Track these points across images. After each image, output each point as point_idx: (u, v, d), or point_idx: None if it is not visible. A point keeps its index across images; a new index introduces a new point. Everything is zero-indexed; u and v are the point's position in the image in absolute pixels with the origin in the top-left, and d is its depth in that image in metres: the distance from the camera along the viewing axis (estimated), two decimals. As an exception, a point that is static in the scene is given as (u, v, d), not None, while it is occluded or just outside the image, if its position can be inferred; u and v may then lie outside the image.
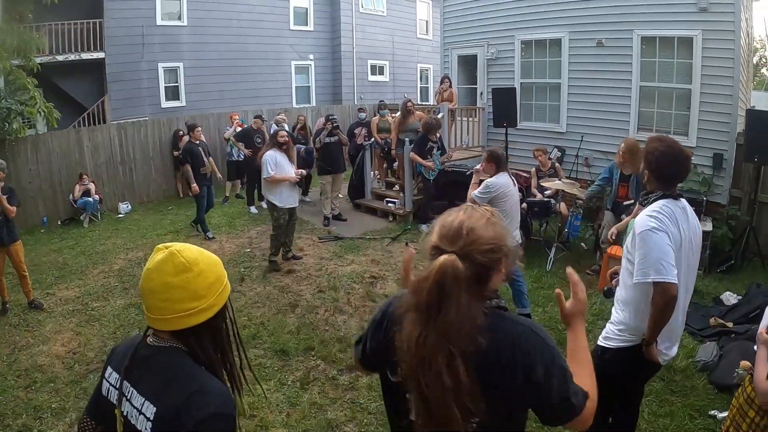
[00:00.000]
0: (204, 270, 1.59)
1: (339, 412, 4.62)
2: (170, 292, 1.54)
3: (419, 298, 1.53)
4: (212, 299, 1.60)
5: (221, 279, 1.66)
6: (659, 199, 3.00)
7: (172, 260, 1.55)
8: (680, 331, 3.26)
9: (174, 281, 1.54)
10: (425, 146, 9.52)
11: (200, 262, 1.59)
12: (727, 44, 8.71)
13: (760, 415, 3.07)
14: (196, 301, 1.56)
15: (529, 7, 11.57)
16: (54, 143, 11.97)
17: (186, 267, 1.55)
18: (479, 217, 1.64)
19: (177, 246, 1.60)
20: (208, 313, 1.60)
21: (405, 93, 19.92)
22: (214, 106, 16.90)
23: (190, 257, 1.58)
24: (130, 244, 9.76)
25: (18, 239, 6.77)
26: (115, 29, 15.75)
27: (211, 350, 1.65)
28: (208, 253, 1.68)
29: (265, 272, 8.03)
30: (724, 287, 7.20)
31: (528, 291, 7.11)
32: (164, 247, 1.60)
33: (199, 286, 1.57)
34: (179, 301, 1.54)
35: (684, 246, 2.95)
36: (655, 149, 3.04)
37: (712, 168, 9.01)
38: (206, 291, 1.59)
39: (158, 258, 1.57)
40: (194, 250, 1.62)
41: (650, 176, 3.09)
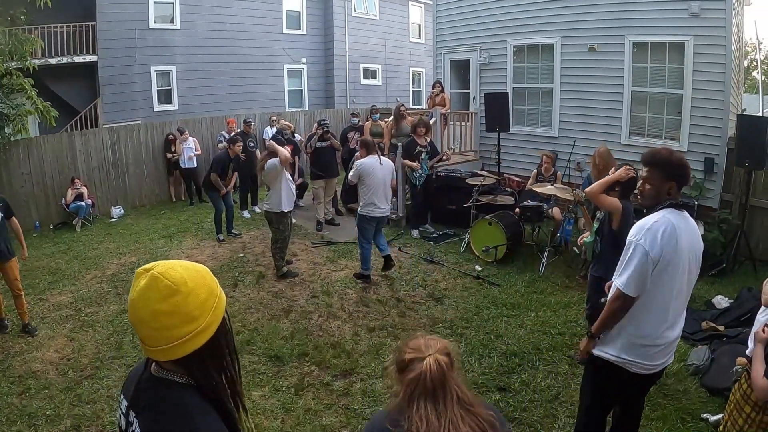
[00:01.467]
0: (193, 288, 1.45)
1: (333, 417, 4.63)
2: (161, 320, 1.40)
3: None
4: (208, 317, 1.47)
5: (214, 292, 1.52)
6: (664, 208, 3.05)
7: (156, 285, 1.41)
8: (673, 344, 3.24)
9: (163, 308, 1.40)
10: (413, 150, 9.52)
11: (187, 280, 1.45)
12: (719, 49, 8.78)
13: (756, 410, 3.13)
14: (192, 324, 1.43)
15: (521, 13, 11.62)
16: (46, 147, 11.93)
17: (173, 290, 1.41)
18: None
19: (159, 267, 1.45)
20: (207, 333, 1.47)
21: (398, 97, 19.99)
22: (206, 109, 16.88)
23: (175, 278, 1.43)
24: (123, 249, 9.73)
25: (14, 255, 6.42)
26: (107, 32, 15.72)
27: (215, 374, 1.52)
28: (194, 265, 1.54)
29: (258, 277, 8.02)
30: (715, 291, 7.25)
31: (521, 295, 7.18)
32: (144, 271, 1.46)
33: (191, 307, 1.43)
34: (173, 327, 1.41)
35: (683, 256, 2.98)
36: (681, 159, 3.16)
37: (703, 172, 9.07)
38: (200, 310, 1.45)
39: (141, 284, 1.43)
40: (178, 269, 1.47)
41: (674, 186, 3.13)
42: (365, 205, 7.59)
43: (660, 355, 3.13)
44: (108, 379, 5.32)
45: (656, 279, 2.94)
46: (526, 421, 4.51)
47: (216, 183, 9.80)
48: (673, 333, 3.13)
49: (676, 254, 2.92)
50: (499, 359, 5.54)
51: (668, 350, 3.19)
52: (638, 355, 3.08)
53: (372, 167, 7.51)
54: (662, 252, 2.88)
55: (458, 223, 10.01)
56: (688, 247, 3.00)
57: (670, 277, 2.96)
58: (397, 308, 6.86)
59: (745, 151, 7.88)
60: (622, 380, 3.19)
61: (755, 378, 3.08)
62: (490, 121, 11.09)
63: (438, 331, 6.21)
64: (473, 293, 7.33)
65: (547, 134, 11.42)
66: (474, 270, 8.12)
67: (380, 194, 7.56)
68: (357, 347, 5.89)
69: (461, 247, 9.12)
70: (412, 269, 8.23)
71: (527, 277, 7.81)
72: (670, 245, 2.90)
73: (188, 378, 1.48)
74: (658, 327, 3.05)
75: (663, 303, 3.02)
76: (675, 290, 3.01)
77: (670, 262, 2.92)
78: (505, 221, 8.41)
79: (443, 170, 10.54)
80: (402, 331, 6.22)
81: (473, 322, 6.41)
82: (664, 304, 3.02)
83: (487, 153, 12.14)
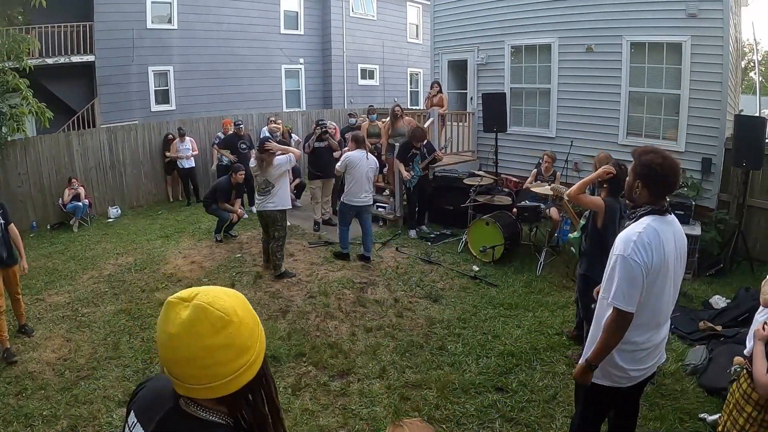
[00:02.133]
0: (243, 316, 1.31)
1: (331, 418, 4.62)
2: (216, 355, 1.25)
3: None
4: (258, 345, 1.35)
5: (256, 317, 1.38)
6: (647, 215, 2.96)
7: (207, 317, 1.24)
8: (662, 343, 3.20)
9: (217, 341, 1.24)
10: (408, 153, 9.52)
11: (236, 307, 1.30)
12: (716, 50, 8.79)
13: (757, 409, 3.13)
14: (246, 355, 1.30)
15: (519, 13, 11.62)
16: (43, 147, 11.91)
17: (226, 320, 1.26)
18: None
19: (202, 296, 1.28)
20: (258, 363, 1.35)
21: (395, 98, 19.99)
22: (204, 109, 16.86)
23: (225, 307, 1.27)
24: (120, 249, 9.71)
25: (18, 261, 6.25)
26: (105, 32, 15.69)
27: (262, 406, 1.39)
28: (230, 291, 1.37)
29: (256, 278, 8.01)
30: (713, 291, 7.27)
31: (518, 295, 7.19)
32: (182, 301, 1.28)
33: (244, 337, 1.30)
34: (228, 362, 1.26)
35: (670, 262, 2.93)
36: (652, 161, 2.96)
37: (700, 172, 9.08)
38: (251, 339, 1.32)
39: (184, 317, 1.25)
40: (224, 296, 1.31)
41: (643, 189, 3.01)
42: (347, 194, 8.44)
43: (650, 357, 3.10)
44: (105, 380, 5.31)
45: (646, 290, 2.88)
46: (523, 422, 4.51)
47: (226, 209, 9.86)
48: (660, 335, 3.11)
49: (663, 263, 2.87)
50: (497, 359, 5.53)
51: (658, 351, 3.16)
52: (628, 361, 3.03)
53: (358, 160, 8.27)
54: (652, 264, 2.82)
55: (456, 224, 10.02)
56: (674, 252, 2.95)
57: (659, 288, 2.92)
58: (395, 308, 6.86)
59: (742, 152, 7.89)
60: (615, 390, 3.15)
61: (759, 376, 3.07)
62: (488, 121, 11.07)
63: (435, 331, 6.22)
64: (471, 293, 7.33)
65: (545, 134, 11.43)
66: (471, 270, 8.12)
67: (362, 185, 8.35)
68: (354, 347, 5.88)
69: (459, 247, 9.12)
70: (410, 269, 8.23)
71: (525, 278, 7.81)
72: (658, 255, 2.84)
73: (228, 417, 1.33)
74: (646, 333, 3.02)
75: (652, 311, 2.98)
76: (663, 297, 2.98)
77: (659, 272, 2.87)
78: (502, 221, 8.41)
79: (440, 170, 10.54)
80: (399, 331, 6.22)
81: (471, 323, 6.41)
82: (653, 312, 2.99)
83: (485, 153, 12.14)
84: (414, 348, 5.83)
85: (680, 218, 7.99)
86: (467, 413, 4.64)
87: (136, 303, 7.20)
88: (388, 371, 5.36)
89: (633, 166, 3.08)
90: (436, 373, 5.29)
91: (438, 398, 4.86)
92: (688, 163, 9.14)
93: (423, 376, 5.24)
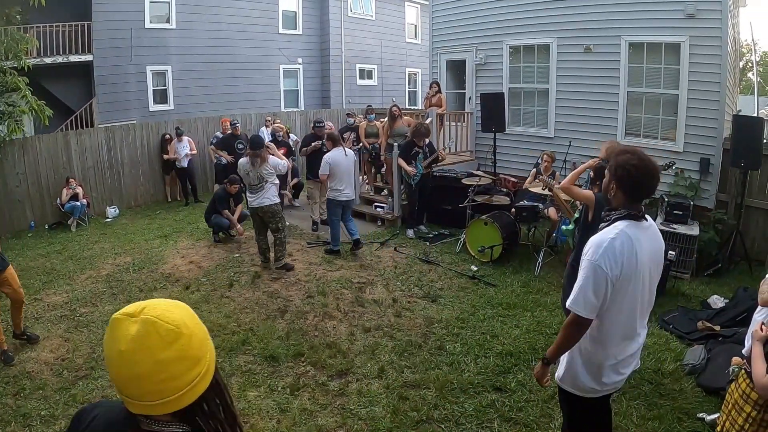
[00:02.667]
0: (193, 327, 1.30)
1: (329, 418, 4.61)
2: (169, 369, 1.22)
3: None
4: (209, 354, 1.34)
5: (203, 326, 1.37)
6: (621, 219, 2.83)
7: (157, 330, 1.22)
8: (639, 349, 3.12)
9: (169, 355, 1.22)
10: (411, 152, 9.54)
11: (185, 319, 1.29)
12: (714, 50, 8.80)
13: (757, 409, 3.13)
14: (198, 366, 1.28)
15: (517, 13, 11.63)
16: (41, 146, 11.89)
17: (176, 333, 1.24)
18: None
19: (150, 310, 1.25)
20: (211, 372, 1.34)
21: (393, 98, 19.97)
22: (202, 109, 16.86)
23: (175, 319, 1.26)
24: (118, 249, 9.69)
25: (9, 264, 5.92)
26: (103, 32, 15.69)
27: (219, 413, 1.39)
28: (178, 303, 1.35)
29: (254, 277, 8.00)
30: (711, 291, 7.28)
31: (517, 295, 7.19)
32: (129, 316, 1.24)
33: (195, 348, 1.28)
34: (181, 375, 1.25)
35: (644, 270, 2.82)
36: (627, 162, 2.81)
37: (699, 173, 9.10)
38: (202, 350, 1.31)
39: (133, 333, 1.21)
40: (172, 309, 1.29)
41: (618, 191, 2.88)
42: (332, 191, 8.77)
43: (628, 364, 3.05)
44: (103, 380, 5.29)
45: (617, 298, 2.77)
46: (522, 421, 4.51)
47: (229, 218, 9.82)
48: (637, 343, 3.04)
49: (636, 271, 2.76)
50: (495, 359, 5.53)
51: (635, 357, 3.09)
52: (608, 375, 2.97)
53: (338, 159, 8.66)
54: (621, 272, 2.71)
55: (454, 223, 10.03)
56: (649, 258, 2.84)
57: (631, 296, 2.81)
58: (393, 308, 6.85)
59: (740, 152, 7.91)
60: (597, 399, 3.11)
61: (758, 377, 3.07)
62: (486, 121, 11.08)
63: (434, 331, 6.22)
64: (469, 293, 7.33)
65: (543, 134, 11.43)
66: (470, 270, 8.13)
67: (345, 181, 8.73)
68: (353, 347, 5.88)
69: (457, 247, 9.12)
70: (408, 269, 8.23)
71: (523, 277, 7.82)
72: (629, 264, 2.72)
73: (185, 426, 1.32)
74: (622, 342, 2.94)
75: (626, 320, 2.89)
76: (637, 306, 2.89)
77: (631, 280, 2.76)
78: (501, 221, 8.42)
79: (439, 170, 10.54)
80: (398, 331, 6.22)
81: (469, 322, 6.41)
82: (627, 321, 2.90)
83: (483, 153, 12.14)
84: (412, 348, 5.83)
85: (678, 218, 8.08)
86: (466, 413, 4.64)
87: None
88: (387, 371, 5.35)
89: (609, 165, 2.96)
90: (434, 372, 5.29)
91: (437, 398, 4.86)
92: (686, 163, 9.18)
93: (421, 376, 5.24)
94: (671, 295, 7.22)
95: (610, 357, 2.94)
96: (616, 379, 3.02)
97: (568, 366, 3.05)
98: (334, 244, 8.99)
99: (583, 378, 2.99)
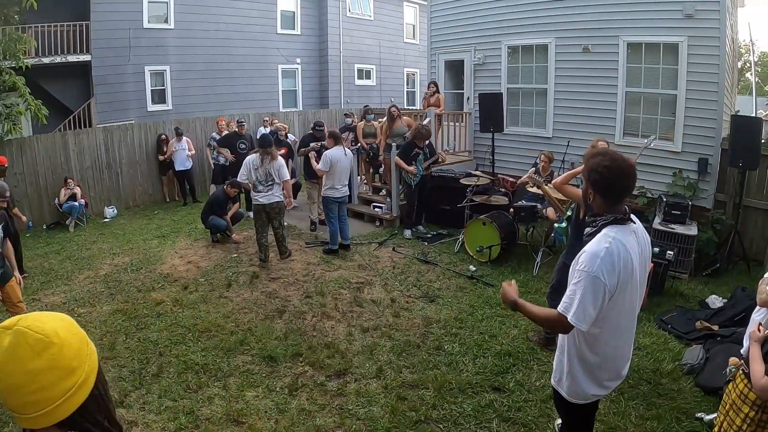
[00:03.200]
0: (65, 337, 1.29)
1: (327, 418, 4.61)
2: (39, 379, 1.22)
3: None
4: (86, 365, 1.34)
5: (83, 338, 1.38)
6: (608, 224, 2.79)
7: (26, 340, 1.22)
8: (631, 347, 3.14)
9: (38, 365, 1.22)
10: (411, 152, 9.54)
11: (57, 329, 1.28)
12: (712, 50, 8.80)
13: (755, 409, 3.13)
14: (72, 377, 1.28)
15: (516, 13, 11.63)
16: (39, 147, 11.88)
17: (46, 342, 1.24)
18: None
19: (22, 322, 1.26)
20: (89, 384, 1.34)
21: (392, 98, 19.98)
22: (200, 109, 16.85)
23: (45, 329, 1.26)
24: (117, 249, 9.69)
25: (12, 276, 5.71)
26: (101, 32, 15.66)
27: (102, 420, 1.39)
28: (54, 314, 1.36)
29: (252, 278, 8.00)
30: (709, 291, 7.28)
31: (520, 293, 7.15)
32: (4, 329, 1.26)
33: (68, 359, 1.28)
34: (53, 385, 1.25)
35: (636, 274, 2.80)
36: (598, 165, 2.75)
37: (697, 173, 9.10)
38: (78, 360, 1.31)
39: (6, 344, 1.22)
40: (42, 319, 1.30)
41: (595, 195, 2.82)
42: (328, 189, 8.82)
43: (626, 363, 3.07)
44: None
45: (615, 305, 2.75)
46: (520, 421, 4.50)
47: (227, 222, 9.85)
48: (630, 341, 3.05)
49: (631, 277, 2.75)
50: (494, 359, 5.53)
51: (629, 356, 3.10)
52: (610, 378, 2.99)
53: (339, 157, 8.72)
54: (618, 281, 2.68)
55: (452, 224, 10.03)
56: (639, 262, 2.82)
57: (628, 301, 2.83)
58: (391, 308, 6.85)
59: (738, 152, 7.92)
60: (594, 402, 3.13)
61: (756, 379, 3.07)
62: (484, 121, 11.08)
63: (432, 331, 6.21)
64: (467, 293, 7.33)
65: (541, 134, 11.43)
66: (468, 270, 8.12)
67: (342, 179, 8.87)
68: (351, 347, 5.87)
69: (455, 247, 9.12)
70: (406, 269, 8.22)
71: (521, 277, 7.81)
72: (625, 271, 2.70)
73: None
74: (622, 345, 2.96)
75: (624, 324, 2.90)
76: (634, 308, 2.92)
77: (627, 287, 2.75)
78: (499, 221, 8.41)
79: (437, 170, 10.53)
80: (396, 331, 6.21)
81: (467, 322, 6.41)
82: (626, 324, 2.92)
83: (481, 153, 12.15)
84: (411, 348, 5.83)
85: (677, 218, 8.08)
86: (464, 413, 4.63)
87: (133, 303, 7.18)
88: (385, 371, 5.35)
89: (583, 171, 2.92)
90: (433, 373, 5.28)
91: (435, 398, 4.85)
92: (684, 163, 9.19)
93: (420, 376, 5.23)
94: (669, 295, 7.22)
95: (609, 361, 2.94)
96: (617, 382, 3.06)
97: (569, 376, 3.02)
98: (333, 244, 9.02)
99: (585, 386, 2.98)
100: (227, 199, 9.91)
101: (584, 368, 2.96)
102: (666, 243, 7.75)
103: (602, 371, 2.95)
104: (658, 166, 9.48)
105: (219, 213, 9.75)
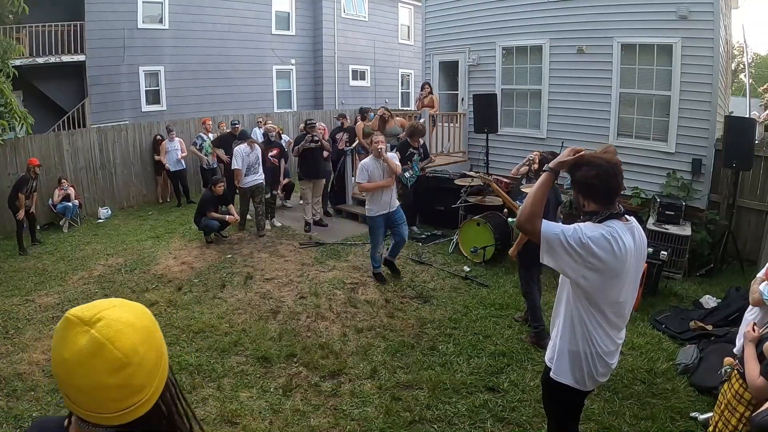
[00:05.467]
0: (144, 355, 1.22)
1: (322, 419, 4.61)
2: (107, 393, 1.17)
3: None
4: (156, 382, 1.27)
5: (160, 348, 1.30)
6: (609, 219, 2.82)
7: (104, 356, 1.15)
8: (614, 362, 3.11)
9: (111, 382, 1.16)
10: (406, 152, 9.51)
11: (138, 346, 1.20)
12: (706, 51, 8.82)
13: (750, 409, 3.15)
14: (140, 394, 1.22)
15: (510, 14, 11.63)
16: (33, 147, 11.82)
17: (124, 363, 1.17)
18: None
19: (103, 329, 1.17)
20: (154, 398, 1.27)
21: (386, 99, 19.98)
22: (195, 110, 16.77)
23: (126, 347, 1.17)
24: (111, 250, 9.66)
25: None
26: (96, 32, 15.58)
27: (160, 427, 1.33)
28: (140, 317, 1.26)
29: (246, 278, 7.98)
30: (703, 291, 7.31)
31: (509, 296, 7.21)
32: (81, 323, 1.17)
33: (141, 377, 1.22)
34: (119, 400, 1.19)
35: (629, 268, 2.82)
36: (586, 176, 2.81)
37: (691, 173, 9.12)
38: (149, 378, 1.25)
39: (80, 346, 1.15)
40: (128, 331, 1.20)
41: (590, 203, 2.87)
42: (374, 204, 7.58)
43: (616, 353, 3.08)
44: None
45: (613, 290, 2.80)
46: (515, 421, 4.51)
47: (214, 218, 9.82)
48: (622, 335, 3.07)
49: (625, 267, 2.78)
50: (488, 359, 5.54)
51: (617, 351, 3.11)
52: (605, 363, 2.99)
53: (373, 167, 7.50)
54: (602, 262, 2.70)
55: (447, 224, 10.04)
56: (635, 257, 2.85)
57: (627, 289, 2.87)
58: (386, 309, 6.85)
59: (732, 152, 7.94)
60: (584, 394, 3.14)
61: (752, 379, 3.08)
62: (479, 122, 11.09)
63: (426, 331, 6.22)
64: (462, 294, 7.34)
65: (536, 135, 11.43)
66: (462, 270, 8.13)
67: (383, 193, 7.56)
68: (345, 348, 5.87)
69: (450, 247, 9.13)
70: (401, 270, 8.21)
71: (516, 278, 7.77)
72: (616, 260, 2.73)
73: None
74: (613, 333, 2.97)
75: (619, 315, 2.93)
76: (628, 299, 2.93)
77: (620, 274, 2.78)
78: (493, 222, 8.43)
79: (431, 171, 10.54)
80: (390, 331, 6.21)
81: (462, 323, 6.42)
82: (624, 312, 2.95)
83: (476, 154, 12.15)
84: (405, 348, 5.83)
85: (670, 219, 8.10)
86: (459, 413, 4.64)
87: (127, 304, 7.15)
88: (380, 372, 5.35)
89: (571, 181, 2.95)
90: (427, 373, 5.29)
91: (429, 398, 4.86)
92: (678, 164, 9.21)
93: (414, 377, 5.23)
94: (663, 295, 7.25)
95: (604, 352, 2.95)
96: (611, 369, 3.08)
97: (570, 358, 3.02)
98: (376, 265, 7.93)
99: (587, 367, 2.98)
100: (215, 198, 9.89)
101: (584, 350, 2.97)
102: (660, 243, 7.77)
103: (609, 354, 2.98)
104: (652, 167, 9.50)
105: (210, 211, 9.72)
